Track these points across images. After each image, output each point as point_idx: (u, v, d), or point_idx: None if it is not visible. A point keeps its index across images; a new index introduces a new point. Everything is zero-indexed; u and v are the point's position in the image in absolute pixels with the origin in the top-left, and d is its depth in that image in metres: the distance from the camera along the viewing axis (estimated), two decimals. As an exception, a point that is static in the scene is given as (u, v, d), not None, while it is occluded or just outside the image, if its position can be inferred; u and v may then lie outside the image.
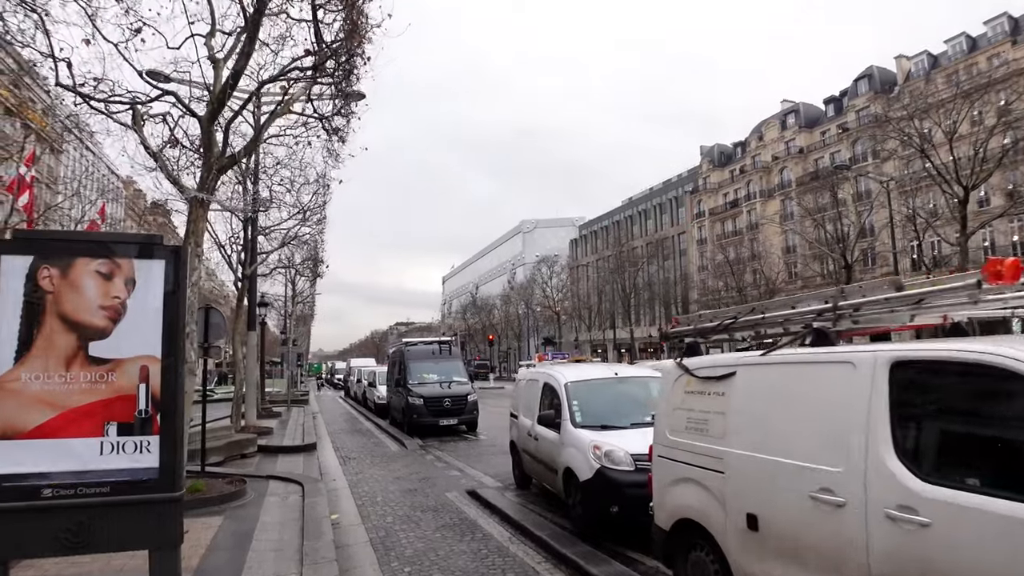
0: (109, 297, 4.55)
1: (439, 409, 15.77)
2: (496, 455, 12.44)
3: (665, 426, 4.65)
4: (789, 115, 61.42)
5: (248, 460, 12.22)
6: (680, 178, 78.28)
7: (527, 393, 8.47)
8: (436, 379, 16.70)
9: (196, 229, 8.72)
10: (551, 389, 7.48)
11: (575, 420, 6.69)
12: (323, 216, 22.59)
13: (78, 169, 38.52)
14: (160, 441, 4.49)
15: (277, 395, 30.07)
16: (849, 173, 45.97)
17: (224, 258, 16.87)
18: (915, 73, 50.86)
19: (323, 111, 11.17)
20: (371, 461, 12.45)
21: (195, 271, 8.51)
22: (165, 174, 9.17)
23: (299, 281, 34.55)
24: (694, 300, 65.94)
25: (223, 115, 9.32)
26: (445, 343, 18.48)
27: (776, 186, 60.92)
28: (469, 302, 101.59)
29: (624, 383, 7.48)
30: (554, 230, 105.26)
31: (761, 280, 50.17)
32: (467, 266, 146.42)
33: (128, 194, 57.33)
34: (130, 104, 9.28)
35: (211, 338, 9.64)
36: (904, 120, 30.56)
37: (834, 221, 43.48)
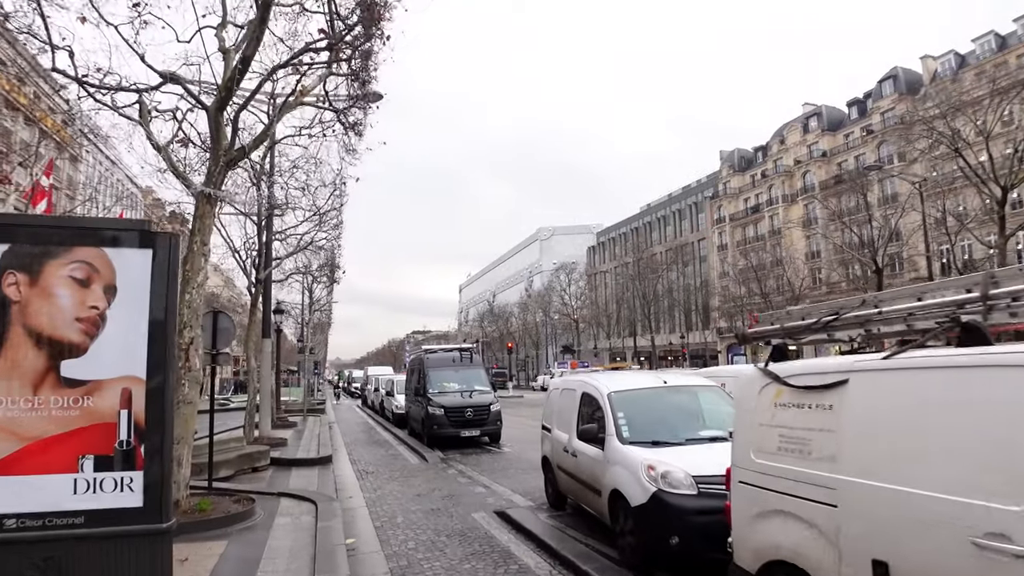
0: (86, 307, 3.84)
1: (460, 420, 15.01)
2: (523, 470, 11.64)
3: (748, 446, 3.85)
4: (811, 118, 60.28)
5: (260, 474, 11.54)
6: (699, 183, 77.22)
7: (562, 404, 7.67)
8: (457, 388, 15.95)
9: (203, 226, 8.07)
10: (591, 400, 6.68)
11: (622, 435, 5.88)
12: (340, 221, 22.09)
13: (95, 176, 38.41)
14: (145, 477, 3.77)
15: (293, 404, 29.53)
16: (879, 174, 44.78)
17: (239, 264, 16.31)
18: (942, 73, 49.56)
19: (339, 106, 10.57)
20: (390, 475, 11.70)
21: (201, 271, 7.85)
22: (170, 167, 8.55)
23: (316, 288, 34.15)
24: (715, 307, 64.73)
25: (232, 105, 8.73)
26: (466, 350, 17.74)
27: (799, 190, 59.70)
28: (486, 310, 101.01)
29: (675, 393, 6.64)
30: (571, 237, 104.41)
31: (785, 286, 48.88)
32: (484, 274, 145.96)
33: (147, 203, 57.52)
34: (136, 97, 8.71)
35: (219, 344, 8.98)
36: (937, 118, 29.46)
37: (863, 224, 42.34)
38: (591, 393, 6.69)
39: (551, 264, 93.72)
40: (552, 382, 8.78)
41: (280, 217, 17.60)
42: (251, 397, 14.73)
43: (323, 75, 9.81)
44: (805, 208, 58.78)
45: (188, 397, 7.30)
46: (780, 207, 60.97)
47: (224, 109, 8.37)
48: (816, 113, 60.04)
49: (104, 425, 3.77)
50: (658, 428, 6.03)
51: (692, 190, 77.70)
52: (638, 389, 6.60)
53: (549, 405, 8.38)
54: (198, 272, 7.84)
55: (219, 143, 8.28)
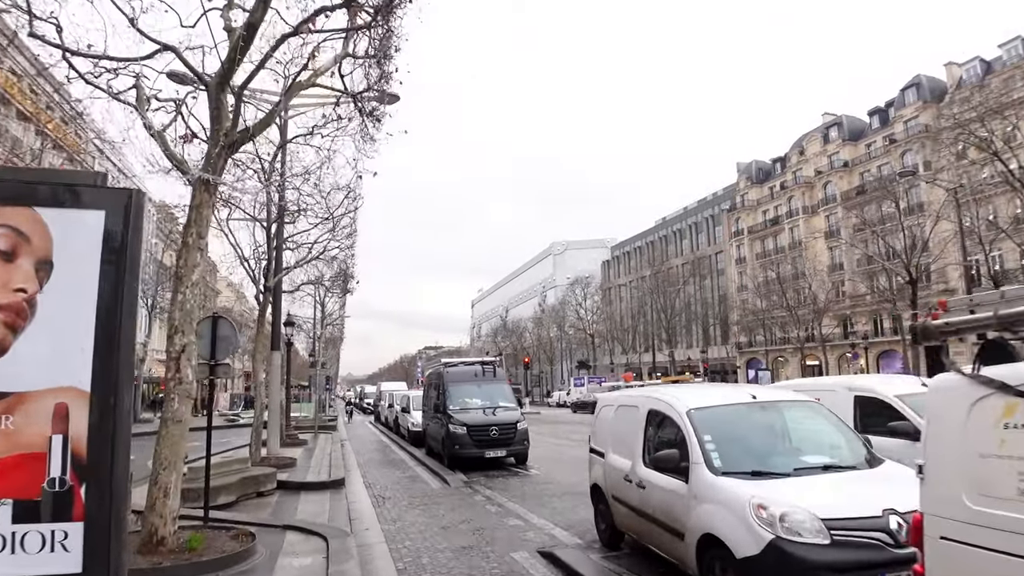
0: (8, 290, 2.71)
1: (485, 439, 13.76)
2: (558, 496, 10.39)
3: (957, 485, 2.65)
4: (831, 128, 59.08)
5: (265, 499, 10.39)
6: (715, 196, 76.05)
7: (619, 424, 6.43)
8: (480, 404, 14.72)
9: (199, 218, 7.00)
10: (663, 419, 5.45)
11: (713, 464, 4.66)
12: (353, 229, 21.13)
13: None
14: (86, 531, 2.62)
15: (304, 421, 28.42)
16: (905, 183, 43.40)
17: (247, 272, 15.29)
18: (967, 80, 48.23)
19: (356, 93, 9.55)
20: (409, 502, 10.47)
21: (197, 268, 6.76)
22: (164, 152, 7.52)
23: (328, 302, 33.18)
24: (735, 321, 63.17)
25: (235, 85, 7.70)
26: (489, 363, 16.47)
27: (820, 201, 58.38)
28: (499, 325, 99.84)
29: (769, 410, 5.35)
30: (585, 252, 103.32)
31: (809, 299, 47.34)
32: (496, 289, 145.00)
33: (159, 217, 57.05)
34: (134, 80, 7.74)
35: (219, 354, 7.87)
36: (973, 121, 28.19)
37: (891, 234, 40.90)
38: (663, 411, 5.47)
39: (565, 279, 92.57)
40: (603, 397, 7.53)
41: (292, 224, 16.66)
42: (258, 414, 13.61)
43: (338, 56, 8.85)
44: (827, 219, 57.40)
45: (178, 415, 6.17)
46: (800, 219, 59.63)
47: (227, 85, 7.34)
48: (836, 123, 58.84)
49: (27, 457, 2.64)
50: (757, 455, 4.82)
51: (708, 203, 76.49)
52: (724, 406, 5.32)
53: (600, 425, 7.15)
54: (193, 269, 6.76)
55: (220, 123, 7.24)
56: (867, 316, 52.94)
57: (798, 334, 45.31)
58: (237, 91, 7.37)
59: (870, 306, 52.02)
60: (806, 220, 59.23)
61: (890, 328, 50.91)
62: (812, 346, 52.72)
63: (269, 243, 14.22)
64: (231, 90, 7.41)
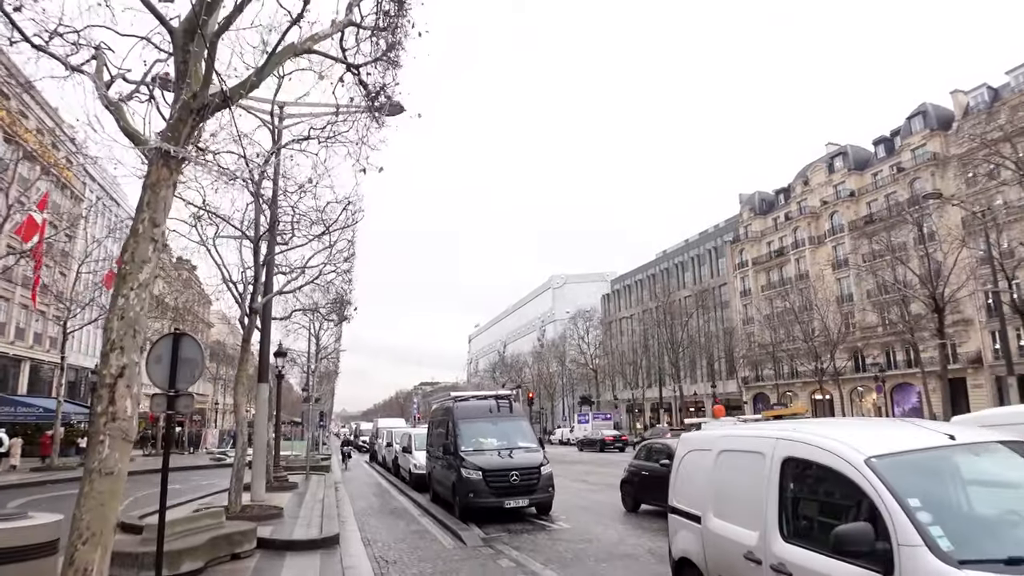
0: None
1: (504, 486, 11.77)
2: (606, 561, 8.47)
3: None
4: (836, 158, 58.45)
5: (242, 564, 8.45)
6: (717, 228, 75.16)
7: (728, 476, 4.56)
8: (496, 445, 12.76)
9: (154, 200, 5.31)
10: (816, 472, 3.74)
11: (939, 547, 2.90)
12: (351, 252, 19.51)
13: (91, 209, 36.15)
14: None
15: (295, 460, 26.29)
16: (923, 207, 42.17)
17: (232, 293, 13.52)
18: (974, 107, 47.70)
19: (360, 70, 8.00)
20: (419, 569, 8.50)
21: (147, 265, 5.04)
22: (118, 120, 5.87)
23: (323, 334, 31.32)
24: (741, 355, 61.35)
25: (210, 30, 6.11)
26: (504, 397, 14.46)
27: (827, 232, 57.33)
28: (497, 360, 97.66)
29: (990, 457, 3.60)
30: (585, 285, 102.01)
31: (820, 330, 45.59)
32: (494, 324, 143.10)
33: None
34: (92, 53, 6.18)
35: (180, 382, 6.07)
36: (1000, 141, 27.00)
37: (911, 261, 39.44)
38: (816, 460, 3.67)
39: (564, 312, 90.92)
40: (691, 438, 5.60)
41: (284, 244, 15.00)
42: (239, 454, 11.66)
43: (339, 22, 7.33)
44: (834, 250, 56.23)
45: (108, 464, 4.35)
46: (807, 249, 58.52)
47: (198, 33, 5.72)
48: (841, 153, 58.24)
49: None
50: (1001, 530, 3.08)
51: (710, 235, 75.53)
52: (921, 451, 3.54)
53: (687, 475, 5.30)
54: (142, 266, 5.04)
55: (185, 80, 5.62)
56: (879, 348, 51.29)
57: (815, 367, 43.44)
58: (211, 41, 5.75)
59: (882, 338, 50.43)
60: (812, 251, 58.15)
61: (903, 360, 49.20)
62: (822, 380, 50.86)
63: (256, 259, 12.50)
64: (204, 41, 5.79)
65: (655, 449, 13.62)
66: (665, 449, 12.86)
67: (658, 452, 13.21)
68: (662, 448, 13.26)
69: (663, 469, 11.85)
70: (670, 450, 12.27)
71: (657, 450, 13.43)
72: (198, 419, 59.36)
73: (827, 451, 3.61)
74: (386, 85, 7.96)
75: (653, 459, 13.07)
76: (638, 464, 13.63)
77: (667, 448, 12.74)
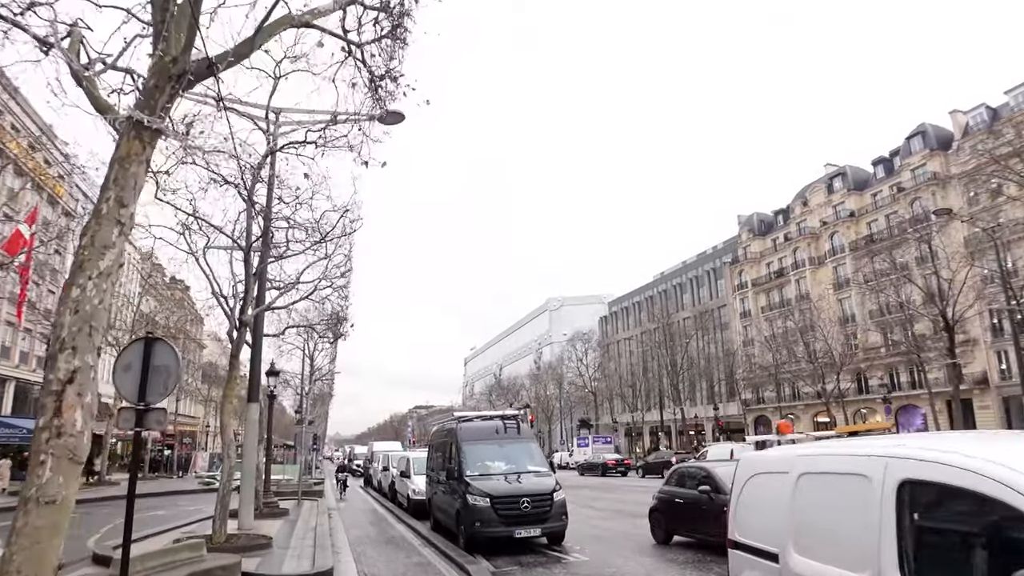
0: None
1: (514, 514, 10.76)
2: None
3: None
4: (835, 178, 58.32)
5: (224, 603, 7.50)
6: (716, 249, 74.84)
7: (815, 504, 3.67)
8: (504, 469, 11.80)
9: (122, 176, 4.54)
10: (973, 502, 2.72)
11: None
12: (348, 268, 18.72)
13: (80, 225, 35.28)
14: None
15: (287, 485, 25.15)
16: (915, 232, 41.77)
17: (221, 304, 12.66)
18: (973, 127, 47.68)
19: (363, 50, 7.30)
20: (423, 605, 7.58)
21: (110, 251, 4.25)
22: (90, 95, 5.11)
23: (318, 355, 30.38)
24: (742, 376, 60.45)
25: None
26: (511, 418, 13.29)
27: (827, 252, 56.93)
28: (493, 383, 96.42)
29: None
30: (582, 308, 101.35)
31: (824, 351, 44.76)
32: (490, 346, 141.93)
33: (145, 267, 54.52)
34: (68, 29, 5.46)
35: (151, 393, 5.22)
36: (1011, 156, 26.58)
37: (907, 282, 38.92)
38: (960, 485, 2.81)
39: (562, 335, 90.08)
40: (756, 459, 4.68)
41: (278, 259, 14.23)
42: (225, 479, 10.71)
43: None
44: (835, 270, 55.76)
45: (47, 491, 3.50)
46: (807, 270, 58.09)
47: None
48: (840, 173, 58.11)
49: None
50: None
51: (708, 256, 75.20)
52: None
53: (753, 503, 4.41)
54: (103, 252, 4.25)
55: (166, 43, 4.87)
56: (883, 370, 50.54)
57: (820, 388, 42.58)
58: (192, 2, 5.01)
59: (885, 359, 49.72)
60: (813, 271, 57.76)
61: (907, 382, 48.42)
62: (824, 402, 49.97)
63: (247, 269, 11.67)
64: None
65: (689, 474, 12.36)
66: (701, 474, 11.67)
67: (692, 477, 11.97)
68: (697, 472, 12.02)
69: (700, 496, 10.85)
70: (708, 475, 11.27)
71: (691, 475, 12.18)
72: (188, 442, 57.87)
73: (977, 474, 2.77)
74: (391, 70, 7.23)
75: (688, 485, 11.84)
76: (670, 491, 12.38)
77: (703, 473, 11.59)
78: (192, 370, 60.67)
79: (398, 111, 11.74)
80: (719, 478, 10.65)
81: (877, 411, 50.73)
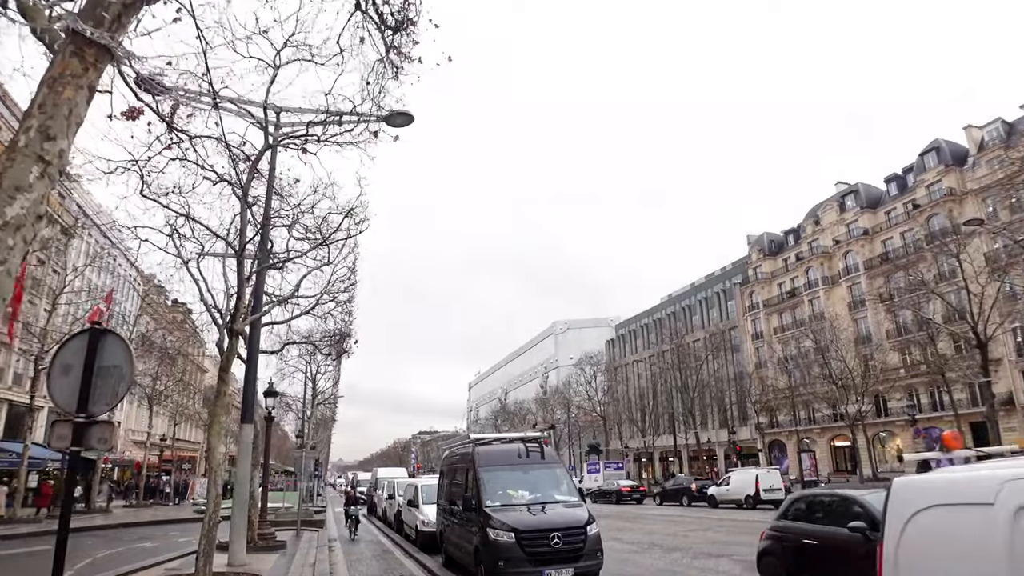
0: None
1: (544, 551, 9.20)
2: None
3: None
4: (848, 196, 57.40)
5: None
6: (725, 271, 73.76)
7: None
8: (528, 499, 10.33)
9: (52, 103, 3.38)
10: None
11: None
12: (352, 282, 17.58)
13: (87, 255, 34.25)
14: None
15: (285, 514, 23.66)
16: (933, 249, 40.51)
17: (210, 312, 11.43)
18: (989, 142, 46.75)
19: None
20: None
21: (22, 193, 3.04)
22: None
23: (320, 378, 29.12)
24: (756, 399, 58.77)
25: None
26: (534, 440, 11.69)
27: (841, 271, 55.71)
28: (498, 408, 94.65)
29: None
30: (588, 331, 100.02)
31: (847, 372, 43.16)
32: (495, 371, 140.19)
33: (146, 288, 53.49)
34: None
35: (96, 402, 3.98)
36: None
37: (926, 300, 37.62)
38: None
39: (568, 358, 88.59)
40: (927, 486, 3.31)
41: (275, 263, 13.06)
42: (211, 509, 9.38)
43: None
44: (850, 290, 54.43)
45: None
46: (821, 290, 56.79)
47: None
48: (852, 191, 57.22)
49: None
50: None
51: (718, 278, 74.09)
52: None
53: (928, 549, 3.03)
54: (13, 196, 3.06)
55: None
56: (903, 391, 48.94)
57: (835, 412, 40.99)
58: None
59: (905, 379, 48.17)
60: (827, 291, 56.51)
61: (928, 403, 46.75)
62: (842, 425, 48.29)
63: (240, 271, 10.46)
64: None
65: (823, 504, 8.87)
66: (846, 504, 8.13)
67: (829, 509, 8.56)
68: (838, 502, 8.48)
69: (852, 536, 7.22)
70: (860, 506, 7.83)
71: (826, 505, 8.74)
72: (187, 467, 56.17)
73: None
74: (408, 15, 6.11)
75: (821, 519, 8.51)
76: (794, 528, 8.83)
77: (851, 502, 8.07)
78: (193, 394, 59.27)
79: (406, 111, 10.69)
80: (877, 510, 7.14)
81: (898, 434, 48.98)
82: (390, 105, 8.38)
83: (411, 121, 10.66)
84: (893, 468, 49.33)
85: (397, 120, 10.57)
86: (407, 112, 10.40)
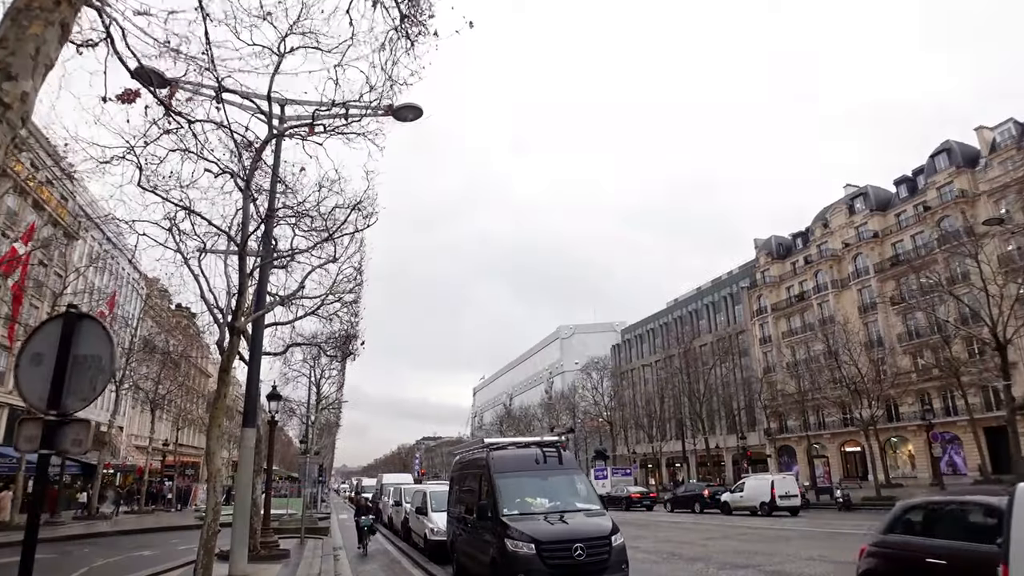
0: None
1: (566, 564, 8.53)
2: None
3: None
4: (856, 199, 56.71)
5: None
6: (732, 275, 73.05)
7: None
8: (547, 507, 9.70)
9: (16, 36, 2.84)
10: None
11: None
12: (359, 282, 17.04)
13: (90, 255, 33.77)
14: None
15: (289, 521, 23.09)
16: (955, 248, 39.82)
17: (210, 309, 10.88)
18: (1000, 143, 46.05)
19: None
20: None
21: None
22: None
23: (325, 382, 28.55)
24: (764, 404, 58.01)
25: None
26: (551, 445, 11.05)
27: (850, 275, 54.96)
28: (503, 414, 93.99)
29: None
30: (594, 336, 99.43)
31: (852, 376, 42.42)
32: (500, 376, 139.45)
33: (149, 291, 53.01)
34: None
35: (70, 397, 3.42)
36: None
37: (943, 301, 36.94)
38: None
39: (573, 363, 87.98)
40: None
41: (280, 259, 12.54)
42: (210, 518, 8.80)
43: None
44: (860, 293, 53.71)
45: None
46: (830, 293, 56.08)
47: None
48: (861, 194, 56.54)
49: None
50: None
51: (724, 282, 73.46)
52: None
53: None
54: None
55: None
56: (914, 396, 48.14)
57: (859, 413, 40.24)
58: None
59: (917, 384, 47.38)
60: (836, 294, 55.77)
61: (940, 408, 45.94)
62: (853, 430, 47.54)
63: (242, 266, 9.92)
64: None
65: (950, 514, 7.18)
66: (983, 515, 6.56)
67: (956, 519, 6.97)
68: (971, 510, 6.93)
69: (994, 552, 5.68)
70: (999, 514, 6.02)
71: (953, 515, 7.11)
72: (191, 473, 55.51)
73: None
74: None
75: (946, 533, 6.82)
76: (912, 544, 7.11)
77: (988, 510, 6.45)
78: (196, 398, 58.77)
79: (415, 104, 10.19)
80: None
81: (910, 439, 48.19)
82: (403, 78, 7.83)
83: (420, 115, 10.23)
84: (905, 474, 48.55)
85: (407, 115, 10.13)
86: (416, 105, 9.96)
